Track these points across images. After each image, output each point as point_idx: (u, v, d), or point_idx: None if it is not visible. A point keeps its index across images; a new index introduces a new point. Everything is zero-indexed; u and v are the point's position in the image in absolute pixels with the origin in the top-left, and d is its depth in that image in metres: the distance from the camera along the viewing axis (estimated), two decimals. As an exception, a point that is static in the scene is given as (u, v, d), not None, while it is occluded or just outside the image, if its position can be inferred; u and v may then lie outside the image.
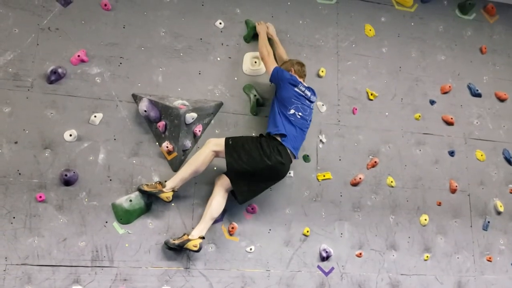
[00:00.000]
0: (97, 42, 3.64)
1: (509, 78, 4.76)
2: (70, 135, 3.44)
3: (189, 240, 3.37)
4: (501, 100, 4.68)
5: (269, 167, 3.39)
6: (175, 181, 3.43)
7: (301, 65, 3.76)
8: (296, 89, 3.56)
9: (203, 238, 3.41)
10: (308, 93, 3.64)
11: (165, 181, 3.45)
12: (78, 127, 3.48)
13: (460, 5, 4.73)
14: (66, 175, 3.34)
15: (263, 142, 3.44)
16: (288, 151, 3.48)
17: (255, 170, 3.39)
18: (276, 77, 3.59)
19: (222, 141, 3.45)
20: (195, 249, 3.36)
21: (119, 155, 3.53)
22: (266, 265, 3.69)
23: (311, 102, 3.68)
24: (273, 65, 3.65)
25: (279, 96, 3.58)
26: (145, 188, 3.40)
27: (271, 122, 3.56)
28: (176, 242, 3.38)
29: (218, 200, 3.48)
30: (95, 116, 3.51)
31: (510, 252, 4.35)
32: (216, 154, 3.45)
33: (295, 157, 3.58)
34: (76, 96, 3.52)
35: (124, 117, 3.59)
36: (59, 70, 3.48)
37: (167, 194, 3.41)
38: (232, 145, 3.42)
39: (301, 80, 3.67)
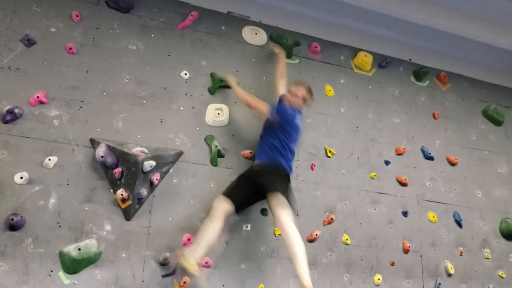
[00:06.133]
0: (58, 84, 3.59)
1: (459, 144, 5.00)
2: (21, 178, 3.30)
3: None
4: (452, 164, 4.88)
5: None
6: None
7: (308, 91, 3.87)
8: (294, 121, 3.66)
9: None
10: (299, 122, 3.72)
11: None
12: (30, 169, 3.36)
13: (415, 72, 5.01)
14: (12, 219, 3.17)
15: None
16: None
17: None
18: (277, 117, 3.61)
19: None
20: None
21: (71, 200, 3.41)
22: (218, 322, 3.56)
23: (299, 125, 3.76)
24: (264, 104, 3.71)
25: (267, 126, 3.72)
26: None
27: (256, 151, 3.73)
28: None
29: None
30: (49, 159, 3.40)
31: (460, 314, 4.40)
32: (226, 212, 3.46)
33: (278, 166, 3.57)
34: (31, 137, 3.42)
35: (79, 161, 3.50)
36: (16, 110, 3.39)
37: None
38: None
39: (298, 105, 3.77)
